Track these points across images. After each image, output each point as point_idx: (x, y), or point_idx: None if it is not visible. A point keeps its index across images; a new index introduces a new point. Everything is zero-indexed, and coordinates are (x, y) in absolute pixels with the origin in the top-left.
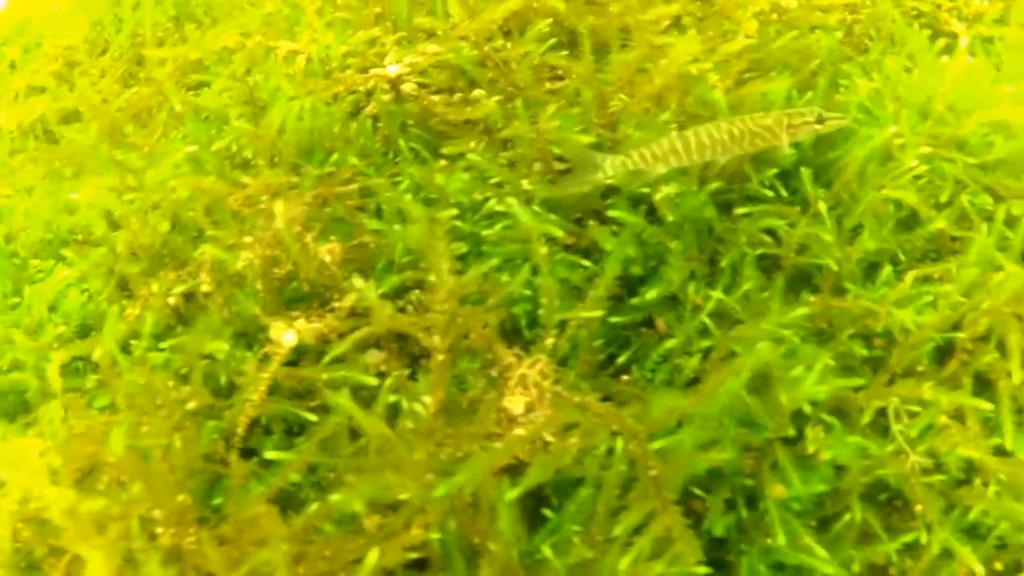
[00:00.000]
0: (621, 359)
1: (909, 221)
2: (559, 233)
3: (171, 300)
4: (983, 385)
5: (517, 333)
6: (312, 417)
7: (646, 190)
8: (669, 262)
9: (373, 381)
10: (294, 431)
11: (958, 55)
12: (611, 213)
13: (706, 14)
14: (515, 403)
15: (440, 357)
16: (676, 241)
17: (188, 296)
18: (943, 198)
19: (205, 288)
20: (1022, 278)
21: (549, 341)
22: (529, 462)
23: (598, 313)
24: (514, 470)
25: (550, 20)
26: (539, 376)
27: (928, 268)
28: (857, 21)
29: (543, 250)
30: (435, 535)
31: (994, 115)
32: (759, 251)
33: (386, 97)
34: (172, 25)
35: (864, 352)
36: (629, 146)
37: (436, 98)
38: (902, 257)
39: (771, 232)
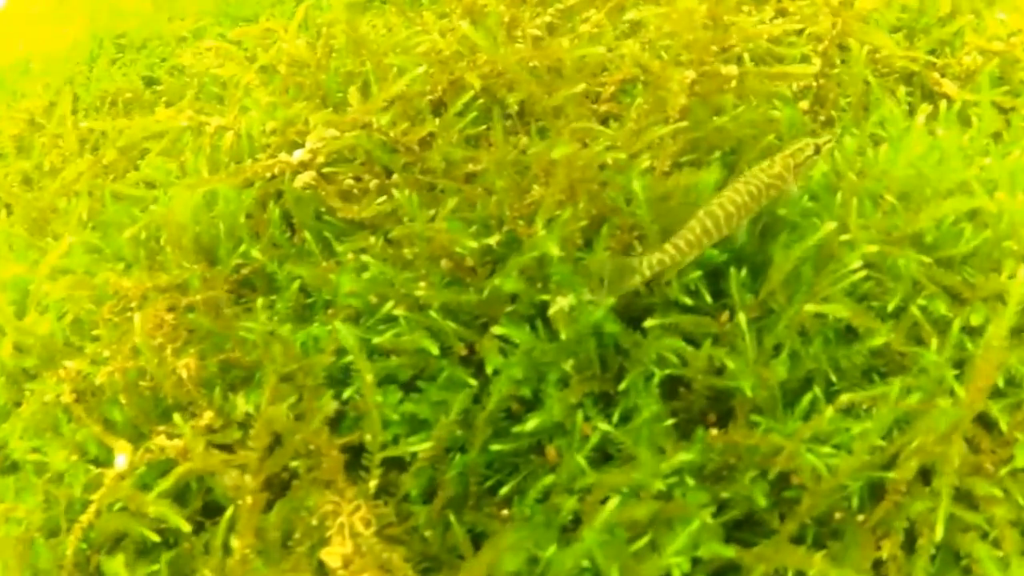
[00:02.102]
0: (504, 490)
1: (849, 334)
2: (458, 344)
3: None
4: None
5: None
6: (154, 537)
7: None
8: (548, 391)
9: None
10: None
11: (938, 124)
12: (496, 330)
13: (649, 79)
14: (332, 557)
15: (249, 500)
16: (571, 360)
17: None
18: (892, 305)
19: (65, 399)
20: (956, 413)
21: (372, 483)
22: None
23: (426, 446)
24: None
25: (470, 94)
26: (361, 524)
27: (863, 392)
28: (825, 87)
29: (368, 377)
30: None
31: (960, 204)
32: (667, 371)
33: (300, 182)
34: (142, 85)
35: (763, 502)
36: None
37: (331, 188)
38: (834, 379)
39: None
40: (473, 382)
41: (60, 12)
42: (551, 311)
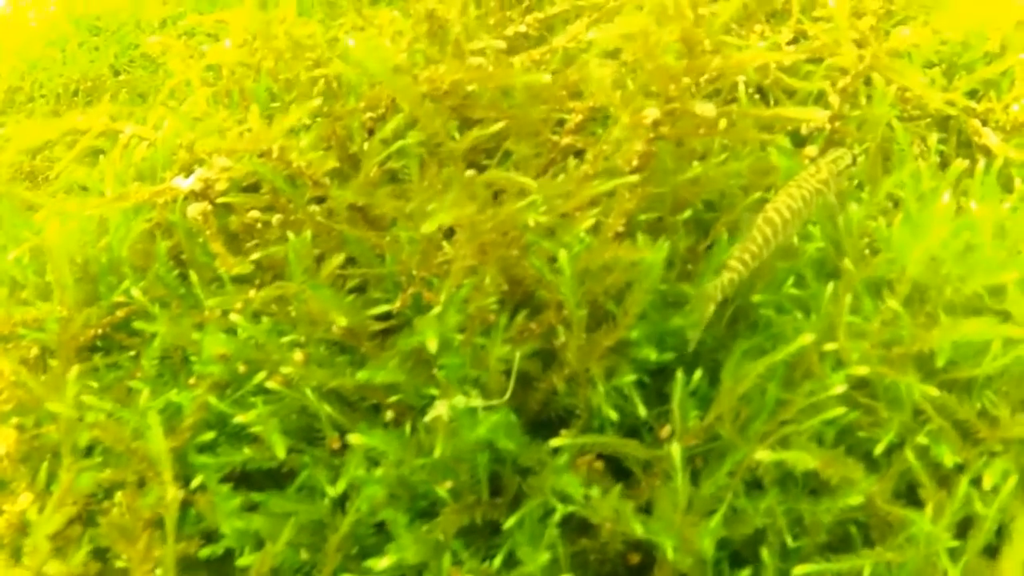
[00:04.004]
0: None
1: (819, 486)
2: (331, 434)
3: None
4: None
5: None
6: None
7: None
8: (398, 530)
9: None
10: None
11: (973, 185)
12: (353, 439)
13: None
14: None
15: None
16: (449, 481)
17: None
18: (881, 447)
19: None
20: None
21: None
22: None
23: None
24: None
25: (399, 118)
26: None
27: (825, 565)
28: (839, 131)
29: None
30: None
31: (985, 328)
32: (571, 509)
33: (193, 211)
34: (108, 72)
35: None
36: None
37: (218, 224)
38: (790, 541)
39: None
40: (333, 491)
41: None
42: (427, 418)
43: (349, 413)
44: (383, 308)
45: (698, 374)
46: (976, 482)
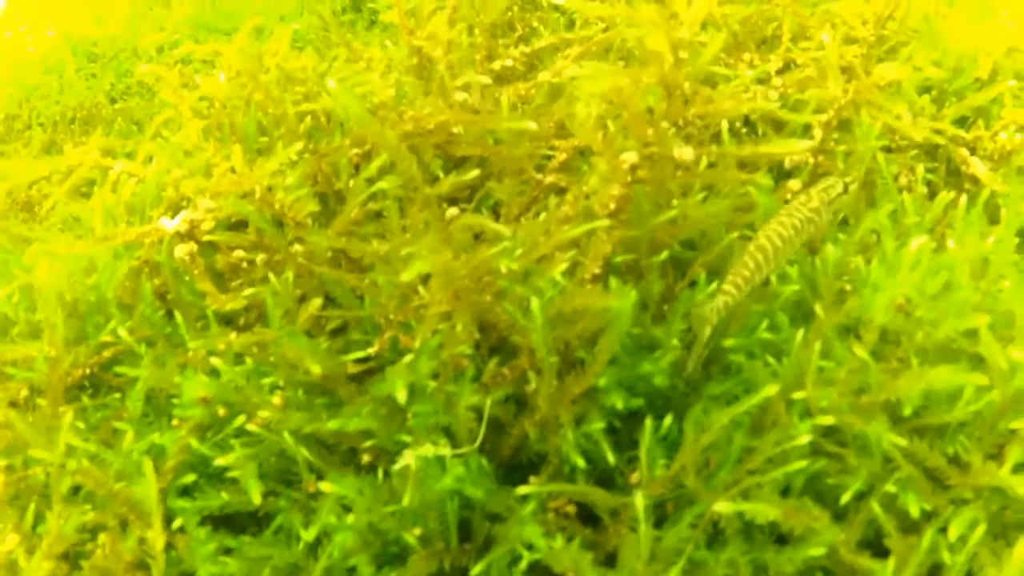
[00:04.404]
0: None
1: (785, 535)
2: (308, 477)
3: None
4: None
5: None
6: None
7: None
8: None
9: None
10: None
11: (957, 219)
12: (324, 486)
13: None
14: None
15: None
16: (417, 529)
17: None
18: (847, 495)
19: None
20: None
21: None
22: None
23: None
24: None
25: (383, 158)
26: None
27: None
28: (822, 164)
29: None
30: None
31: (953, 376)
32: (536, 556)
33: (180, 252)
34: (104, 99)
35: None
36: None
37: (204, 263)
38: None
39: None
40: (308, 536)
41: (46, 13)
42: (395, 467)
43: (327, 456)
44: (360, 354)
45: (668, 420)
46: (944, 530)
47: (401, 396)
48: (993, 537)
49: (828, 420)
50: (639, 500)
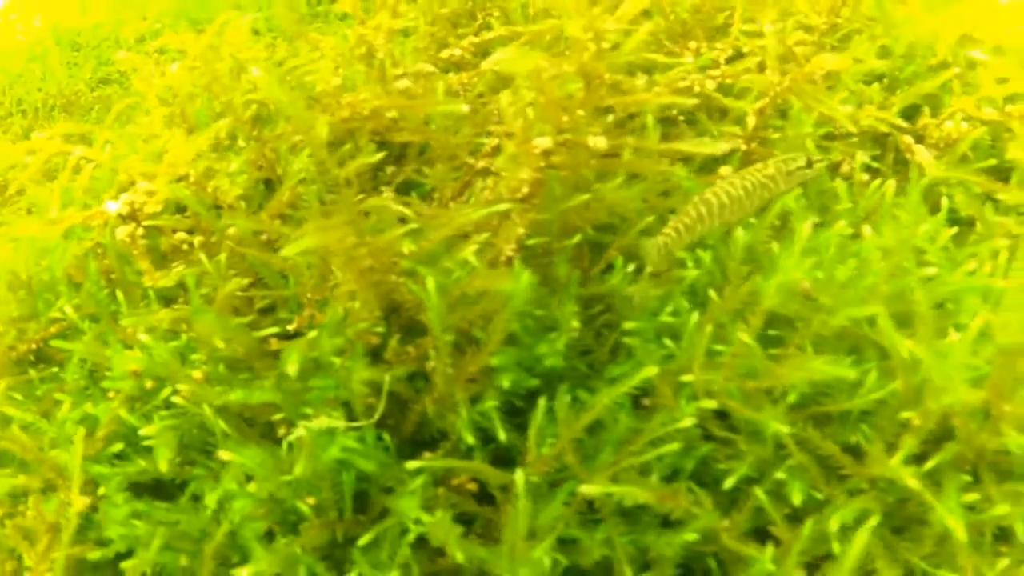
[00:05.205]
0: None
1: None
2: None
3: None
4: None
5: None
6: None
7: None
8: (251, 543)
9: None
10: None
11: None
12: (223, 455)
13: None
14: None
15: None
16: (311, 498)
17: None
18: (732, 480)
19: None
20: None
21: None
22: None
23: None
24: None
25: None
26: None
27: None
28: (755, 152)
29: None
30: None
31: (829, 367)
32: (421, 530)
33: (122, 234)
34: (85, 87)
35: None
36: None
37: (145, 245)
38: (629, 574)
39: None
40: (211, 501)
41: (36, 3)
42: (290, 438)
43: (245, 429)
44: (273, 330)
45: (563, 400)
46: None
47: (292, 370)
48: (892, 531)
49: (711, 404)
50: (519, 476)
